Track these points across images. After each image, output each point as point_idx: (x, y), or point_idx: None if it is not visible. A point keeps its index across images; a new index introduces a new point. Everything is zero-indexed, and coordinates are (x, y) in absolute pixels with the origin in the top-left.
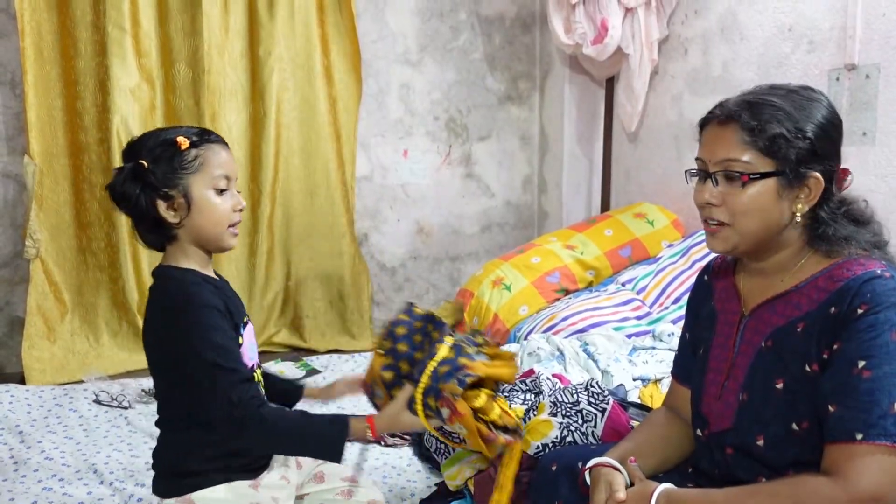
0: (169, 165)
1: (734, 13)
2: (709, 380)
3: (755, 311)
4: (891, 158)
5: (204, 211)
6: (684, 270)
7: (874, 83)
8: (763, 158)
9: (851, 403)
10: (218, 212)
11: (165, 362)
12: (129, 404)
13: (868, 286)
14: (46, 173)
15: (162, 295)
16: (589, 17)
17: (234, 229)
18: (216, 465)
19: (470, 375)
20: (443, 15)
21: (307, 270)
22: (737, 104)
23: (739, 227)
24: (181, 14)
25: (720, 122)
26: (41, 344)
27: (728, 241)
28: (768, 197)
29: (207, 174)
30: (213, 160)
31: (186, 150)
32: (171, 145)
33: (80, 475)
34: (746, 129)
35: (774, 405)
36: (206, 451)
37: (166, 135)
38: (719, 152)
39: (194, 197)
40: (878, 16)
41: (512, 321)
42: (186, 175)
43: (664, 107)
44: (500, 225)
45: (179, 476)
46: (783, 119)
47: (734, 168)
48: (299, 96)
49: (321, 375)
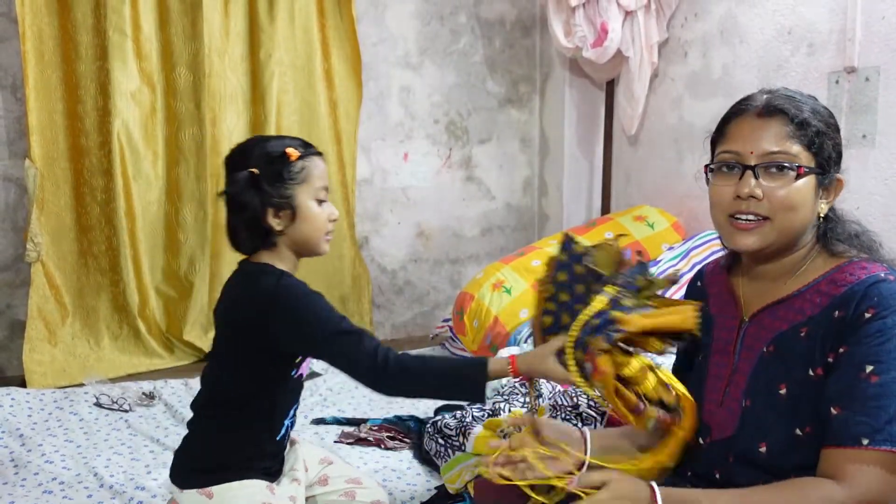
0: (279, 176)
1: (734, 16)
2: (709, 387)
3: (756, 316)
4: (891, 161)
5: (307, 220)
6: (684, 273)
7: (874, 86)
8: (806, 153)
9: (858, 408)
10: (318, 221)
11: (245, 348)
12: (130, 407)
13: (874, 289)
14: (47, 177)
15: (258, 286)
16: (589, 21)
17: (328, 236)
18: (240, 463)
19: (620, 331)
20: (443, 18)
21: (307, 273)
22: (776, 98)
23: (779, 223)
24: (182, 18)
25: (761, 115)
26: (42, 347)
27: (766, 237)
28: (811, 193)
29: (311, 185)
30: (315, 172)
31: (294, 162)
32: (281, 157)
33: (80, 479)
34: (795, 122)
35: (777, 411)
36: (235, 445)
37: (274, 146)
38: (764, 144)
39: (299, 206)
40: (878, 18)
41: (512, 324)
42: (293, 185)
43: (664, 109)
44: (500, 227)
45: (203, 469)
46: (819, 117)
47: (782, 160)
48: (300, 100)
49: (322, 378)
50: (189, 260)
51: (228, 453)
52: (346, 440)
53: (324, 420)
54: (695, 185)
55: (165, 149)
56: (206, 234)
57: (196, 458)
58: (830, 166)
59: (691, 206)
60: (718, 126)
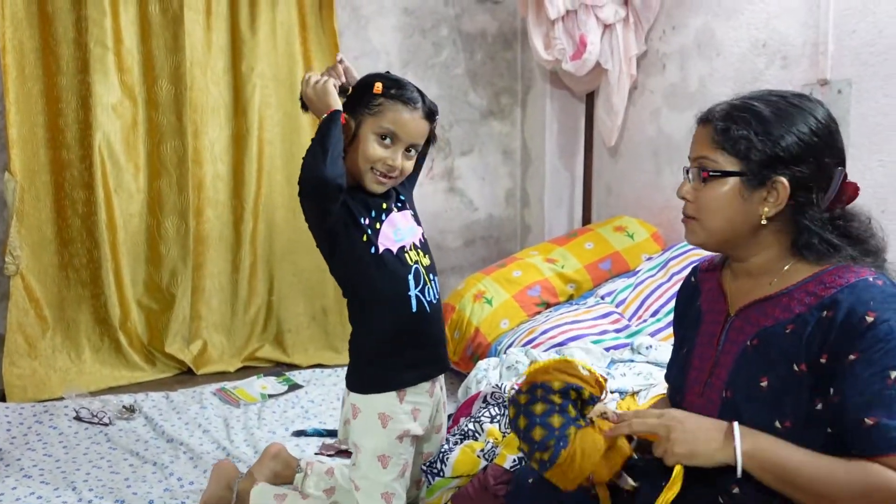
0: (360, 100)
1: (711, 30)
2: (691, 377)
3: (742, 311)
4: (864, 172)
5: (358, 147)
6: (663, 283)
7: (846, 98)
8: (729, 158)
9: (894, 414)
10: (367, 153)
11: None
12: (110, 421)
13: (867, 293)
14: (28, 189)
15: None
16: (568, 34)
17: (379, 176)
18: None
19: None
20: (425, 31)
21: (290, 285)
22: (720, 107)
23: (704, 223)
24: (163, 31)
25: (700, 122)
26: (22, 361)
27: (696, 234)
28: (731, 196)
29: (378, 121)
30: (388, 114)
31: (374, 94)
32: (369, 86)
33: (58, 493)
34: (718, 129)
35: (757, 403)
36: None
37: (375, 77)
38: (695, 149)
39: (359, 133)
40: (849, 32)
41: (493, 335)
42: (365, 114)
43: (643, 121)
44: (483, 239)
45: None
46: (754, 122)
47: (703, 165)
48: (282, 112)
49: (304, 390)
50: (171, 272)
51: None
52: (327, 452)
53: (304, 432)
54: (674, 195)
55: (147, 161)
56: (188, 246)
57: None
58: (760, 170)
59: (670, 216)
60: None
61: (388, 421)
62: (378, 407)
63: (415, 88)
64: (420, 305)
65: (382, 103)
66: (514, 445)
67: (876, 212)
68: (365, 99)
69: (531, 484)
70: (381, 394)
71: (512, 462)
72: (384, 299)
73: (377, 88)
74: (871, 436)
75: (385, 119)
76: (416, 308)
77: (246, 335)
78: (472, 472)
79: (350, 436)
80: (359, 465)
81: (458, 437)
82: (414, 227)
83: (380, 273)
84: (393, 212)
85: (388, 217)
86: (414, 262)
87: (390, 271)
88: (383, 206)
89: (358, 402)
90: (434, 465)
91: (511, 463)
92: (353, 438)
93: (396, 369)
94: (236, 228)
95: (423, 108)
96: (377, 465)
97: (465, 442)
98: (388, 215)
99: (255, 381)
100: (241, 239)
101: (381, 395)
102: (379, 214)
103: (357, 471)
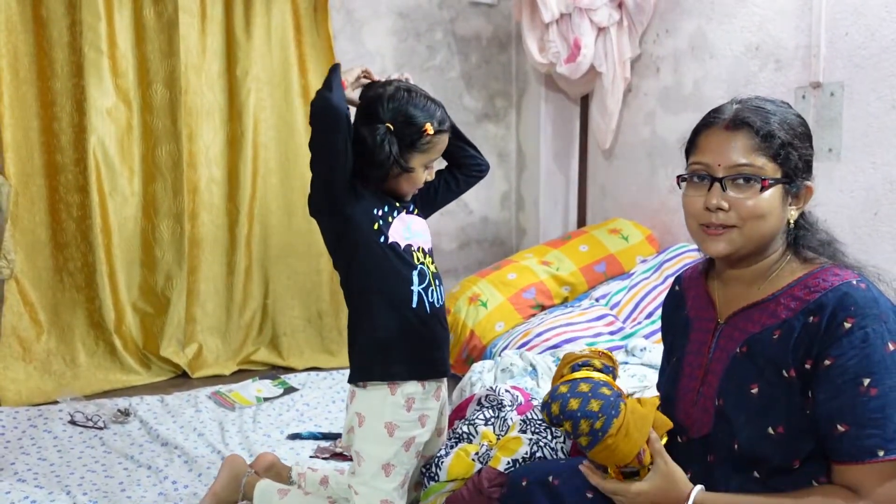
0: (410, 142)
1: (704, 33)
2: (683, 386)
3: (731, 318)
4: (856, 174)
5: (410, 179)
6: (657, 286)
7: (839, 101)
8: (772, 164)
9: (865, 422)
10: (418, 181)
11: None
12: (105, 424)
13: (849, 299)
14: (22, 193)
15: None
16: (562, 37)
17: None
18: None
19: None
20: (419, 35)
21: (285, 289)
22: (744, 110)
23: (748, 231)
24: (158, 35)
25: (728, 127)
26: (16, 365)
27: (734, 243)
28: (778, 202)
29: (428, 157)
30: (437, 147)
31: (427, 136)
32: (421, 131)
33: (53, 497)
34: (760, 134)
35: (749, 410)
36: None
37: (419, 116)
38: (731, 157)
39: (413, 168)
40: (842, 35)
41: (488, 337)
42: (415, 152)
43: (637, 124)
44: (478, 241)
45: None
46: (787, 128)
47: (747, 172)
48: (276, 116)
49: (299, 393)
50: (166, 276)
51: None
52: (322, 455)
53: (300, 435)
54: (668, 198)
55: (142, 165)
56: (182, 249)
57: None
58: (797, 175)
59: (665, 219)
60: (690, 137)
61: (395, 430)
62: (385, 416)
63: (439, 106)
64: (421, 303)
65: (431, 140)
66: (508, 448)
67: (868, 214)
68: (414, 139)
69: (525, 486)
70: (381, 394)
71: (506, 464)
72: (386, 289)
73: (428, 130)
74: (843, 443)
75: (435, 152)
76: (417, 304)
77: (241, 338)
78: (466, 475)
79: (353, 443)
80: (361, 472)
81: (453, 440)
82: (425, 232)
83: (386, 262)
84: (407, 212)
85: (400, 214)
86: (420, 262)
87: (396, 262)
88: (397, 205)
89: (364, 410)
90: (430, 468)
91: (505, 465)
92: (357, 446)
93: (387, 361)
94: (231, 232)
95: (447, 124)
96: (381, 473)
97: (460, 445)
98: (401, 213)
99: (251, 384)
100: (236, 242)
101: (381, 396)
102: (392, 210)
103: (358, 477)
